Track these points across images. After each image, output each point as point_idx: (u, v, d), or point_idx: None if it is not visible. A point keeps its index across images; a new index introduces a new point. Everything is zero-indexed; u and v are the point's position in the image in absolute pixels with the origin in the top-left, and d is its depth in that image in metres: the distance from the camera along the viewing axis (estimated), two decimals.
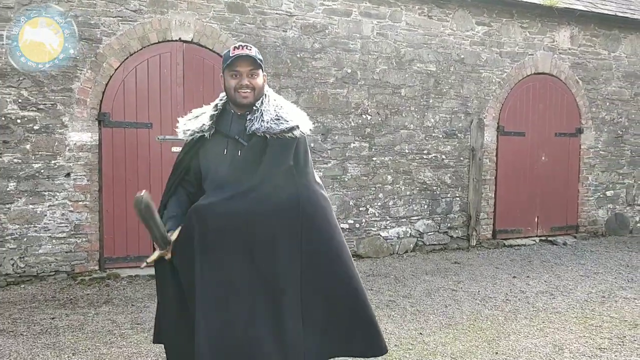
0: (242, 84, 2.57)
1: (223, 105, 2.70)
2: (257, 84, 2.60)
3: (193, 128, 2.66)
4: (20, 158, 5.92)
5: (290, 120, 2.58)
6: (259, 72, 2.61)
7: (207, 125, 2.64)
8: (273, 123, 2.55)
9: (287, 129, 2.55)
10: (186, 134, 2.67)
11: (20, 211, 5.93)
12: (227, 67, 2.60)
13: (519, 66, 8.69)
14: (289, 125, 2.55)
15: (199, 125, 2.64)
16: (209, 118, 2.65)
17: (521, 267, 7.31)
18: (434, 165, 8.20)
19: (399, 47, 7.83)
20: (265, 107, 2.60)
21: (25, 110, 5.92)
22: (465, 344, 4.44)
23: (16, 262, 5.93)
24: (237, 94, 2.58)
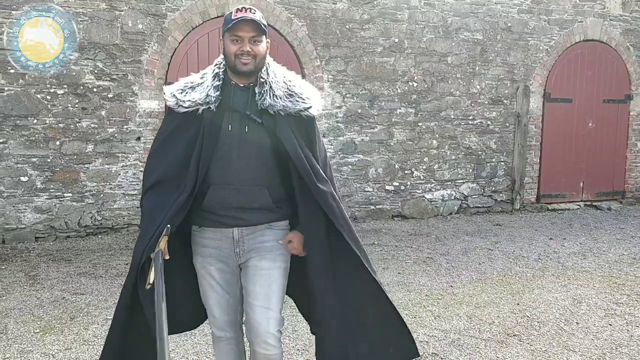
0: (244, 50, 2.31)
1: (224, 75, 2.41)
2: (260, 51, 2.34)
3: (195, 99, 2.35)
4: (97, 123, 6.63)
5: (306, 98, 2.41)
6: (262, 38, 2.35)
7: (214, 97, 2.34)
8: (288, 101, 2.37)
9: (304, 108, 2.40)
10: (183, 104, 2.36)
11: (97, 170, 6.68)
12: (227, 30, 2.33)
13: (567, 33, 8.80)
14: (306, 105, 2.39)
15: (203, 97, 2.34)
16: (214, 89, 2.36)
17: (560, 229, 7.61)
18: (479, 130, 8.50)
19: (446, 17, 8.10)
20: (272, 78, 2.39)
21: (101, 80, 6.60)
22: (490, 296, 4.89)
23: (94, 216, 6.70)
24: (237, 61, 2.32)
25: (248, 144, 2.36)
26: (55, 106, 6.46)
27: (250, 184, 2.36)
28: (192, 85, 2.41)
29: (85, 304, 4.55)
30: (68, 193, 6.58)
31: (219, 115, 2.36)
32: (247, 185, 2.36)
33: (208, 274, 2.48)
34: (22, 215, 6.41)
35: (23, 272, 5.38)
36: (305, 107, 2.40)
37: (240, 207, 2.38)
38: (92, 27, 6.50)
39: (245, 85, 2.39)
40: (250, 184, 2.36)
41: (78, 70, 6.50)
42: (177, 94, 2.40)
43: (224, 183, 2.35)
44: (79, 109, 6.56)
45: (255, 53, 2.33)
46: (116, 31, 6.60)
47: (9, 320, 4.21)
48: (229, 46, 2.34)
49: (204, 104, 2.35)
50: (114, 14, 6.57)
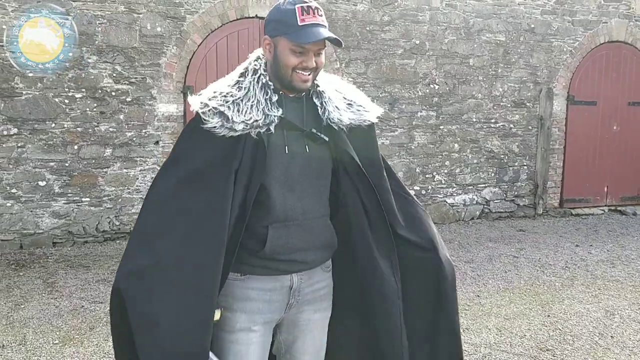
0: (308, 67, 1.82)
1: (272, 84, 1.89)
2: (321, 63, 1.88)
3: (252, 119, 1.81)
4: (115, 127, 6.56)
5: (365, 105, 2.00)
6: (324, 49, 1.88)
7: (276, 115, 1.83)
8: (350, 112, 1.96)
9: (367, 119, 1.99)
10: (234, 127, 1.79)
11: (115, 175, 6.60)
12: (291, 36, 1.79)
13: (591, 35, 8.61)
14: (368, 114, 1.99)
15: (261, 116, 1.81)
16: (274, 105, 1.84)
17: (586, 236, 7.43)
18: (502, 134, 8.34)
19: (468, 18, 7.95)
20: (324, 86, 1.96)
21: (119, 84, 6.53)
22: (519, 307, 4.74)
23: (112, 220, 6.63)
24: (295, 75, 1.83)
25: (310, 167, 1.90)
26: (74, 110, 6.39)
27: (314, 216, 1.92)
28: (234, 100, 1.82)
29: (105, 313, 4.45)
30: (86, 198, 6.51)
31: (274, 137, 1.85)
32: (311, 217, 1.91)
33: (248, 339, 1.88)
34: (40, 220, 6.35)
35: (41, 278, 5.31)
36: (369, 117, 1.98)
37: (303, 247, 1.90)
38: (110, 30, 6.43)
39: (296, 96, 1.91)
40: (315, 215, 1.92)
41: (96, 73, 6.43)
42: (228, 112, 1.80)
43: (286, 219, 1.87)
44: (97, 113, 6.48)
45: (318, 66, 1.86)
46: (135, 34, 6.52)
47: (27, 330, 4.13)
48: (287, 57, 1.81)
49: (263, 126, 1.81)
50: (133, 16, 6.50)
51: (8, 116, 6.17)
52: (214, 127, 1.79)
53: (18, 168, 6.25)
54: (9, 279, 5.28)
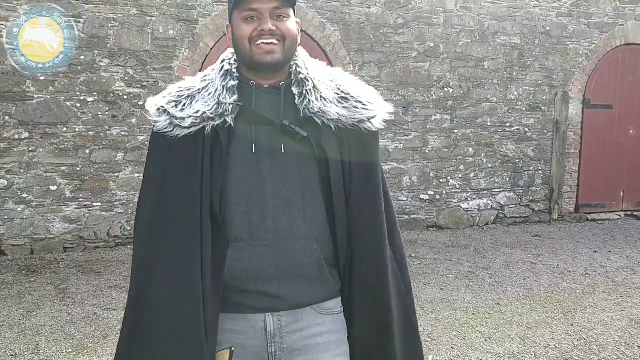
0: (264, 29, 1.50)
1: (238, 73, 1.59)
2: (288, 30, 1.53)
3: (201, 111, 1.52)
4: (127, 131, 6.48)
5: (367, 103, 1.60)
6: (289, 12, 1.54)
7: (230, 103, 1.52)
8: (342, 107, 1.57)
9: (367, 118, 1.59)
10: (182, 124, 1.52)
11: (127, 179, 6.52)
12: (235, 5, 1.52)
13: (608, 37, 8.49)
14: (368, 112, 1.59)
15: (212, 106, 1.52)
16: (228, 91, 1.54)
17: (603, 241, 7.30)
18: (517, 138, 8.22)
19: (483, 20, 7.85)
20: (313, 74, 1.59)
21: (131, 87, 6.46)
22: (541, 315, 4.62)
23: (123, 226, 6.55)
24: (255, 48, 1.51)
25: (287, 171, 1.52)
26: (85, 114, 6.32)
27: (291, 237, 1.50)
28: (190, 93, 1.56)
29: (118, 320, 4.37)
30: (97, 202, 6.44)
31: (237, 133, 1.52)
32: (288, 238, 1.50)
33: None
34: (51, 225, 6.28)
35: (53, 284, 5.23)
36: (368, 115, 1.58)
37: (275, 275, 1.50)
38: (122, 33, 6.36)
39: (272, 86, 1.57)
40: (292, 236, 1.50)
41: (108, 77, 6.36)
42: (170, 109, 1.54)
43: (252, 238, 1.49)
44: (109, 117, 6.41)
45: (282, 32, 1.51)
46: (147, 37, 6.46)
47: (40, 338, 4.05)
48: (240, 28, 1.51)
49: (215, 117, 1.51)
50: (145, 19, 6.43)
51: (19, 120, 6.11)
52: (164, 129, 1.53)
53: (29, 172, 6.18)
54: (20, 285, 5.20)
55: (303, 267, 1.51)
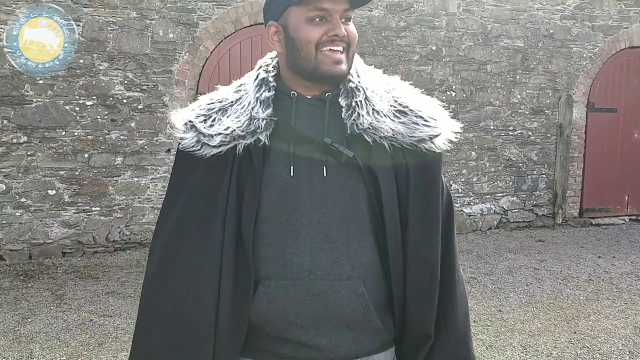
0: (337, 35, 1.29)
1: (275, 82, 1.38)
2: (354, 36, 1.34)
3: (231, 128, 1.32)
4: (126, 135, 6.44)
5: (429, 119, 1.36)
6: (352, 12, 1.34)
7: (264, 118, 1.31)
8: (398, 122, 1.33)
9: (429, 136, 1.35)
10: (211, 142, 1.33)
11: (126, 183, 6.48)
12: (301, 1, 1.29)
13: (612, 40, 8.40)
14: (430, 130, 1.35)
15: (244, 122, 1.32)
16: (262, 104, 1.33)
17: (607, 247, 7.21)
18: (520, 141, 8.15)
19: (486, 23, 7.78)
20: (365, 83, 1.36)
21: (130, 91, 6.41)
22: (543, 322, 4.55)
23: (122, 230, 6.50)
24: (323, 56, 1.30)
25: (329, 198, 1.29)
26: (84, 118, 6.28)
27: (332, 277, 1.28)
28: (222, 106, 1.38)
29: (114, 327, 4.32)
30: (96, 207, 6.39)
31: (273, 152, 1.32)
32: (327, 278, 1.27)
33: None
34: (49, 229, 6.24)
35: (50, 290, 5.19)
36: (430, 134, 1.34)
37: (313, 322, 1.28)
38: (122, 37, 6.32)
39: (316, 97, 1.35)
40: (333, 275, 1.28)
41: (107, 80, 6.32)
42: (198, 124, 1.35)
43: (284, 276, 1.28)
44: (108, 121, 6.37)
45: (349, 38, 1.32)
46: (146, 40, 6.42)
47: (34, 345, 3.99)
48: (305, 30, 1.28)
49: (247, 135, 1.30)
50: (145, 22, 6.39)
51: (18, 124, 6.07)
52: (191, 147, 1.34)
53: (27, 177, 6.14)
54: (17, 290, 5.16)
55: (347, 313, 1.27)
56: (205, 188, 1.34)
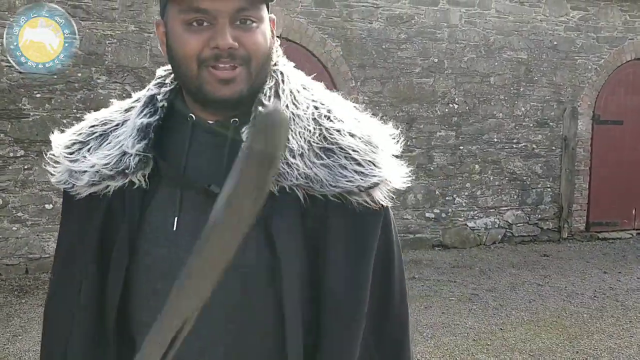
0: (218, 46, 0.95)
1: (171, 101, 1.08)
2: (257, 45, 0.99)
3: (97, 164, 1.03)
4: None
5: (365, 161, 1.02)
6: (260, 14, 0.99)
7: (137, 154, 1.01)
8: (320, 163, 1.00)
9: (359, 187, 1.00)
10: (78, 181, 1.05)
11: None
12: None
13: (617, 52, 8.30)
14: (365, 180, 1.01)
15: (113, 158, 1.03)
16: (139, 133, 1.03)
17: (614, 262, 7.07)
18: (524, 154, 8.04)
19: (488, 35, 7.70)
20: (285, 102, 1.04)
21: None
22: (545, 342, 4.43)
23: None
24: (207, 73, 0.97)
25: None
26: None
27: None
28: (104, 131, 1.09)
29: None
30: None
31: (156, 198, 1.02)
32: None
33: None
34: (46, 244, 6.18)
35: (43, 306, 5.10)
36: (360, 184, 0.99)
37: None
38: (120, 50, 6.29)
39: (220, 123, 1.03)
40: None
41: (105, 94, 6.28)
42: (64, 157, 1.08)
43: None
44: None
45: (247, 50, 0.97)
46: (145, 54, 6.38)
47: None
48: (180, 38, 0.97)
49: (116, 175, 1.01)
50: (143, 36, 6.36)
51: (15, 138, 6.04)
52: (62, 182, 1.07)
53: (24, 191, 6.10)
54: (10, 306, 5.09)
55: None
56: (75, 239, 1.07)
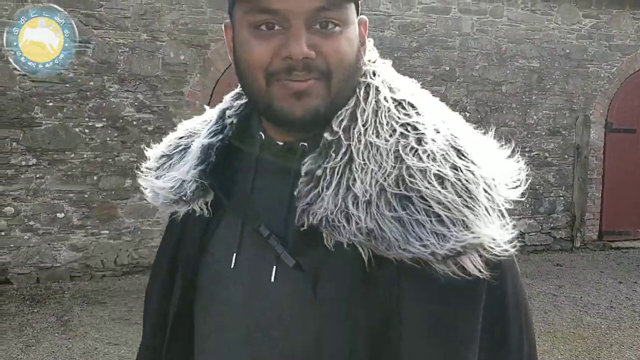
0: (291, 54, 0.77)
1: (245, 116, 0.93)
2: (341, 54, 0.80)
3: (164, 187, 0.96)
4: (136, 157, 6.37)
5: (455, 218, 0.75)
6: (346, 14, 0.80)
7: (188, 180, 0.92)
8: (391, 216, 0.75)
9: (435, 255, 0.74)
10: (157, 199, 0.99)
11: (135, 206, 6.40)
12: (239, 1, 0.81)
13: (630, 60, 8.25)
14: (447, 244, 0.74)
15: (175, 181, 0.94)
16: (200, 154, 0.92)
17: (628, 271, 7.00)
18: (537, 163, 7.98)
19: (500, 43, 7.67)
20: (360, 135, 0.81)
21: (141, 113, 6.36)
22: (564, 354, 4.36)
23: (131, 254, 6.41)
24: (278, 87, 0.79)
25: (270, 316, 0.84)
26: (94, 140, 6.24)
27: None
28: (186, 144, 1.00)
29: (119, 356, 4.20)
30: (105, 230, 6.31)
31: (220, 227, 0.92)
32: None
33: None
34: (58, 253, 6.16)
35: (56, 316, 5.09)
36: (440, 251, 0.74)
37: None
38: (132, 59, 6.29)
39: (289, 145, 0.86)
40: None
41: (118, 102, 6.28)
42: (150, 172, 1.02)
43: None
44: (118, 143, 6.32)
45: (327, 60, 0.79)
46: (157, 62, 6.38)
47: None
48: (246, 45, 0.81)
49: (179, 200, 0.93)
50: (155, 44, 6.36)
51: (27, 146, 6.03)
52: (151, 200, 1.02)
53: (36, 199, 6.09)
54: (22, 316, 5.07)
55: None
56: (160, 251, 1.03)
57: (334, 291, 0.79)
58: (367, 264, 0.76)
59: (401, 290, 0.76)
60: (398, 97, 0.87)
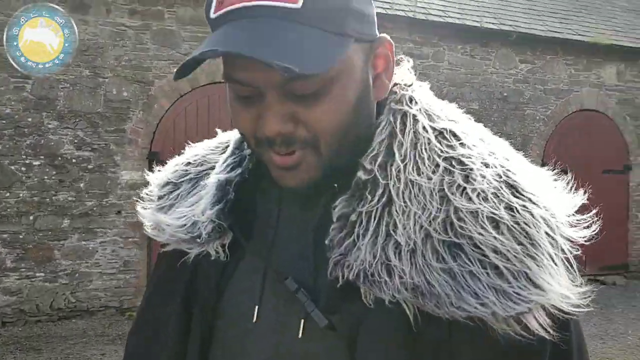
0: (267, 132, 0.67)
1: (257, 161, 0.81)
2: (322, 120, 0.67)
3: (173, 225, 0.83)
4: (75, 196, 6.16)
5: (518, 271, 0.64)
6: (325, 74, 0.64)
7: (204, 220, 0.79)
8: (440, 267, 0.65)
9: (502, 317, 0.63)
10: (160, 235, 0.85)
11: (73, 247, 6.15)
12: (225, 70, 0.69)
13: (563, 103, 8.64)
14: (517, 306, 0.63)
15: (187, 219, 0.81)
16: (216, 191, 0.80)
17: None
18: None
19: (442, 87, 7.89)
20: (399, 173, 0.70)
21: (80, 150, 6.18)
22: None
23: (68, 297, 6.12)
24: (271, 160, 0.71)
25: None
26: (31, 178, 5.99)
27: None
28: (196, 174, 0.88)
29: None
30: (40, 272, 6.02)
31: (239, 272, 0.80)
32: None
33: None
34: None
35: None
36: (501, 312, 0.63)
37: None
38: (73, 95, 6.14)
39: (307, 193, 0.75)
40: None
41: (56, 139, 6.08)
42: (153, 202, 0.89)
43: None
44: (56, 181, 6.09)
45: (309, 130, 0.68)
46: (99, 99, 6.24)
47: None
48: (234, 113, 0.73)
49: (191, 242, 0.81)
50: (98, 81, 6.23)
51: None
52: (149, 226, 0.88)
53: None
54: None
55: None
56: (162, 286, 0.87)
57: (374, 354, 0.67)
58: (412, 322, 0.66)
59: (453, 354, 0.66)
60: (438, 126, 0.76)
